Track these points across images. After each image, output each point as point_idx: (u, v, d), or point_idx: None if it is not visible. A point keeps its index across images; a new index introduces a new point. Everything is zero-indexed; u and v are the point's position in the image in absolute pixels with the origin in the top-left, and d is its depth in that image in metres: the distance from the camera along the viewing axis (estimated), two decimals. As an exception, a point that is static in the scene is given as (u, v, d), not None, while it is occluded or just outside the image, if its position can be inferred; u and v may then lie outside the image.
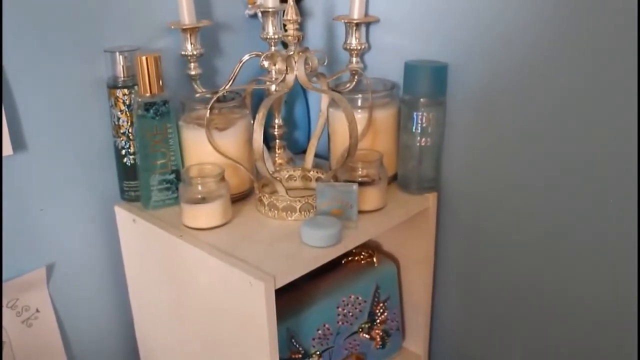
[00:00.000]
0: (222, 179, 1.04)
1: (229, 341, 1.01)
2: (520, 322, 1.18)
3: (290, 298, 1.11)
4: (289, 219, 1.06)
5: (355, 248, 1.25)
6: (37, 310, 1.14)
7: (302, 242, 0.98)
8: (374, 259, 1.23)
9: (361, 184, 1.05)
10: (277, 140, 1.25)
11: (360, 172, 1.07)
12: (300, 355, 1.09)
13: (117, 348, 1.30)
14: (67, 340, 1.20)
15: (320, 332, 1.11)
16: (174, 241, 1.03)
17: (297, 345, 1.09)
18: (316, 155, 1.21)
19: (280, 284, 0.91)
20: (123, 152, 1.12)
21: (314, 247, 0.97)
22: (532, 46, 1.00)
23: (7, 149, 1.01)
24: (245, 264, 0.93)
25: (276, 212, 1.07)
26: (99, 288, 1.23)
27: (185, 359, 1.14)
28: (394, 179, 1.19)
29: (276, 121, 1.24)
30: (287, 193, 1.07)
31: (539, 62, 1.00)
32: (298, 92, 1.34)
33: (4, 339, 1.10)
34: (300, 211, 1.06)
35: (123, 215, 1.13)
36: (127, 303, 1.24)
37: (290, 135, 1.35)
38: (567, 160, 1.01)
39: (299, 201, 1.05)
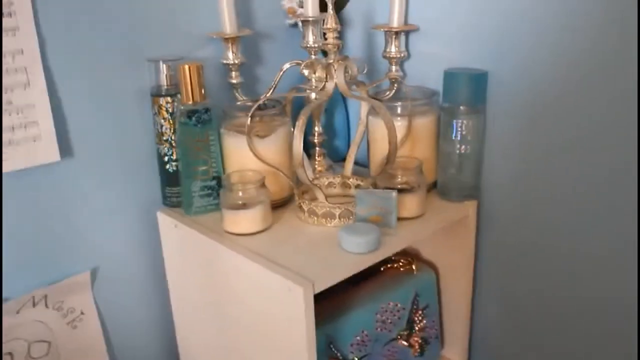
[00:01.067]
0: (263, 185, 1.06)
1: (268, 346, 1.02)
2: (561, 336, 1.16)
3: (329, 304, 1.11)
4: (328, 225, 1.07)
5: (394, 255, 1.26)
6: (82, 313, 1.17)
7: (341, 248, 0.99)
8: (413, 267, 1.23)
9: (400, 190, 1.06)
10: (317, 148, 1.26)
11: (399, 179, 1.08)
12: (338, 361, 1.10)
13: (158, 351, 1.32)
14: (110, 343, 1.22)
15: (358, 338, 1.12)
16: (215, 246, 1.04)
17: (335, 351, 1.09)
18: (356, 163, 1.22)
19: (319, 289, 0.91)
20: (165, 158, 1.14)
21: (353, 253, 0.98)
22: (575, 56, 0.99)
23: (55, 155, 1.04)
24: (284, 269, 0.94)
25: (315, 218, 1.08)
26: (141, 292, 1.25)
27: (223, 357, 1.15)
28: (433, 186, 1.19)
29: (316, 129, 1.25)
30: (326, 199, 1.08)
31: (581, 72, 0.99)
32: (338, 100, 1.35)
33: (50, 339, 1.13)
34: (339, 217, 1.07)
35: (165, 221, 1.15)
36: (168, 307, 1.26)
37: (330, 143, 1.36)
38: (612, 171, 1.00)
39: (339, 208, 1.06)
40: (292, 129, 1.06)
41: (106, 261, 1.18)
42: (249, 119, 1.07)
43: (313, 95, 1.14)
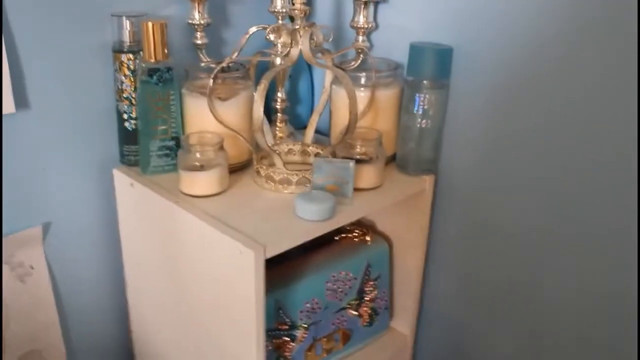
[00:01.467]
0: (221, 148, 1.05)
1: (217, 307, 1.02)
2: (511, 311, 1.18)
3: (281, 270, 1.12)
4: (285, 192, 1.07)
5: (349, 225, 1.26)
6: (32, 267, 1.15)
7: (296, 215, 0.99)
8: (367, 238, 1.23)
9: (358, 161, 1.06)
10: (279, 114, 1.25)
11: (358, 150, 1.08)
12: (287, 327, 1.11)
13: (108, 308, 1.31)
14: (60, 298, 1.22)
15: (308, 305, 1.13)
16: (170, 206, 1.04)
17: (285, 317, 1.10)
18: (318, 132, 1.22)
19: (271, 254, 0.91)
20: (125, 116, 1.12)
21: (307, 220, 0.98)
22: (542, 36, 1.00)
23: (10, 107, 1.02)
24: (237, 232, 0.94)
25: (272, 184, 1.08)
26: (93, 249, 1.24)
27: (174, 321, 1.15)
28: (392, 159, 1.20)
29: (279, 95, 1.24)
30: (284, 166, 1.07)
31: (547, 53, 1.00)
32: (303, 68, 1.35)
33: (-4, 291, 1.12)
34: (296, 184, 1.07)
35: (121, 179, 1.14)
36: (120, 265, 1.25)
37: (293, 111, 1.36)
38: (569, 153, 1.02)
39: (296, 175, 1.06)
40: (255, 94, 1.06)
41: (59, 216, 1.17)
42: (211, 80, 1.06)
43: (278, 61, 1.13)
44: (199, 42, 1.16)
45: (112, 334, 1.34)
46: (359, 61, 1.19)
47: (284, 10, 1.15)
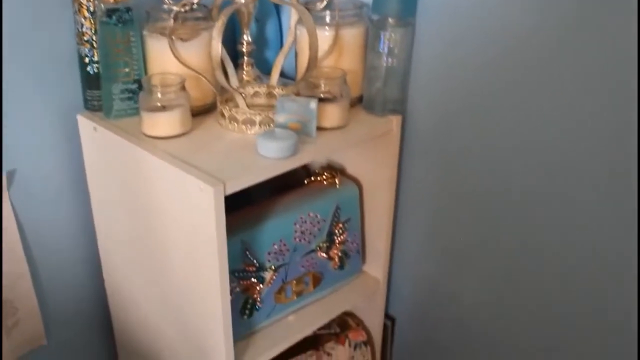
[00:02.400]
0: (183, 88, 1.04)
1: (182, 249, 1.02)
2: (482, 249, 1.18)
3: (247, 212, 1.12)
4: (249, 132, 1.06)
5: (318, 169, 1.26)
6: (-2, 216, 1.15)
7: (258, 153, 0.98)
8: (336, 181, 1.23)
9: (322, 100, 1.05)
10: (245, 58, 1.23)
11: (322, 89, 1.07)
12: (254, 268, 1.10)
13: (79, 256, 1.31)
14: (28, 247, 1.21)
15: (276, 247, 1.12)
16: (132, 149, 1.03)
17: (252, 258, 1.09)
18: (286, 76, 1.20)
19: (231, 190, 0.91)
20: (86, 60, 1.10)
21: (269, 158, 0.97)
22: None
23: (-35, 50, 1.00)
24: (197, 170, 0.93)
25: (236, 124, 1.06)
26: (60, 196, 1.23)
27: (142, 266, 1.15)
28: (359, 101, 1.19)
29: (245, 37, 1.22)
30: (247, 106, 1.06)
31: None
32: (271, 11, 1.33)
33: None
34: (259, 125, 1.05)
35: (85, 124, 1.13)
36: (89, 211, 1.24)
37: (261, 56, 1.34)
38: (537, 89, 1.01)
39: (259, 115, 1.05)
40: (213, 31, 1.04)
41: (24, 164, 1.16)
42: (172, 20, 1.04)
43: (242, 0, 1.11)
44: (160, -17, 1.14)
45: (85, 283, 1.34)
46: (325, 2, 1.17)
47: (247, -51, 1.13)
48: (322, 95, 1.06)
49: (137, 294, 1.21)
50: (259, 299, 1.13)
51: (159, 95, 1.02)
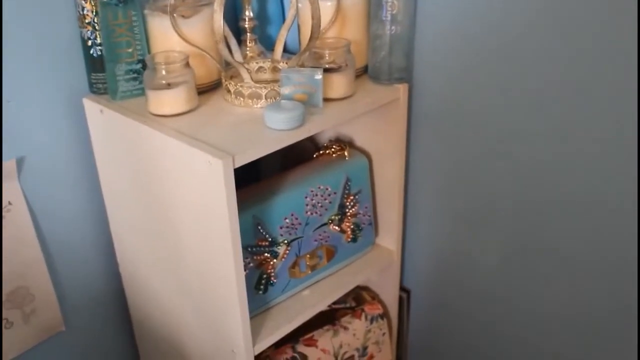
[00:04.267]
0: (187, 65, 1.03)
1: (194, 226, 1.01)
2: (495, 214, 1.18)
3: (257, 187, 1.11)
4: (255, 106, 1.05)
5: (326, 143, 1.25)
6: (10, 203, 1.15)
7: (266, 126, 0.98)
8: (345, 153, 1.22)
9: (327, 70, 1.04)
10: (248, 34, 1.23)
11: (326, 59, 1.06)
12: (267, 243, 1.10)
13: (92, 239, 1.31)
14: (41, 233, 1.21)
15: (287, 220, 1.12)
16: (139, 128, 1.02)
17: (264, 233, 1.09)
18: (290, 52, 1.20)
19: (240, 163, 0.90)
20: (89, 42, 1.10)
21: (277, 129, 0.96)
22: None
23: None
24: (205, 144, 0.92)
25: (242, 99, 1.06)
26: (70, 180, 1.23)
27: (155, 246, 1.15)
28: (364, 70, 1.18)
29: (247, 13, 1.22)
30: (252, 80, 1.06)
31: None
32: (271, -14, 1.32)
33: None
34: (266, 98, 1.05)
35: (91, 107, 1.12)
36: (99, 194, 1.24)
37: (264, 32, 1.33)
38: (546, 52, 0.99)
39: (265, 88, 1.04)
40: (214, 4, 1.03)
41: (33, 150, 1.15)
42: (172, -3, 1.04)
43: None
44: (159, -39, 1.13)
45: (100, 267, 1.34)
46: (327, -27, 1.16)
47: None
48: (327, 66, 1.05)
49: (152, 275, 1.21)
50: (273, 273, 1.12)
51: (164, 72, 1.02)
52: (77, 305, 1.33)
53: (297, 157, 1.25)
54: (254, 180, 1.12)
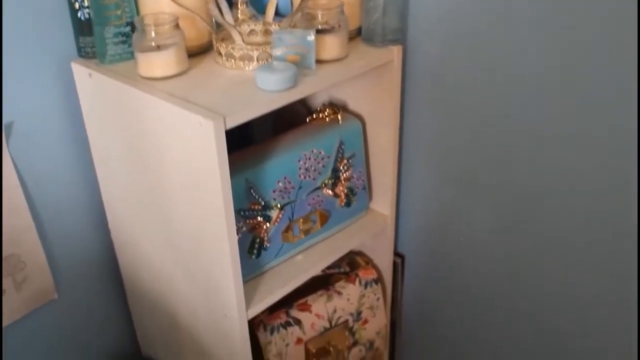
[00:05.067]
0: (177, 26, 1.01)
1: (185, 189, 1.00)
2: (490, 178, 1.17)
3: (250, 151, 1.10)
4: (247, 68, 1.04)
5: (320, 107, 1.24)
6: (-1, 170, 1.13)
7: (258, 87, 0.96)
8: (339, 117, 1.20)
9: (320, 31, 1.03)
10: (240, -4, 1.21)
11: (319, 20, 1.04)
12: (259, 207, 1.09)
13: (83, 206, 1.30)
14: (30, 199, 1.20)
15: (280, 184, 1.11)
16: (128, 91, 1.01)
17: (256, 196, 1.08)
18: (282, 16, 1.17)
19: (231, 124, 0.89)
20: (77, 5, 1.08)
21: (269, 91, 0.95)
22: None
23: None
24: (196, 106, 0.91)
25: (233, 61, 1.04)
26: (60, 146, 1.21)
27: (146, 208, 1.14)
28: (358, 33, 1.16)
29: (237, -25, 1.19)
30: (243, 41, 1.04)
31: None
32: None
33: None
34: (257, 60, 1.03)
35: (80, 71, 1.10)
36: (89, 159, 1.23)
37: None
38: (544, 18, 0.98)
39: (256, 50, 1.03)
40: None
41: (21, 116, 1.14)
42: (160, -43, 1.01)
43: None
44: None
45: (91, 234, 1.33)
46: None
47: None
48: (319, 27, 1.03)
49: (144, 241, 1.20)
50: (266, 238, 1.12)
51: (153, 34, 1.00)
52: (70, 273, 1.32)
53: (290, 122, 1.23)
54: (247, 146, 1.11)
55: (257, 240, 1.11)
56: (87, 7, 1.07)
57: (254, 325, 1.20)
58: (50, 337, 1.34)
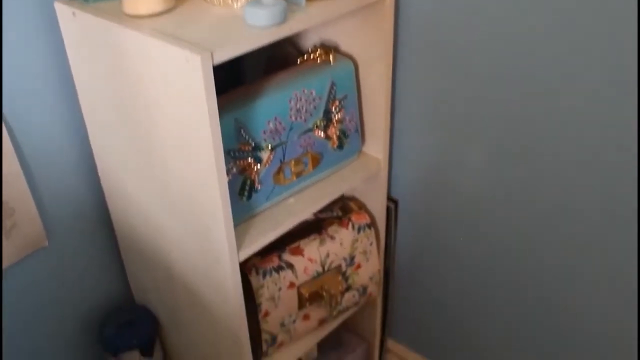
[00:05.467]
0: (162, -40, 0.98)
1: (173, 130, 0.99)
2: (482, 120, 1.15)
3: (240, 92, 1.08)
4: (235, 6, 1.01)
5: (311, 48, 1.21)
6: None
7: (246, 23, 0.94)
8: (330, 57, 1.18)
9: (310, -34, 1.00)
10: None
11: (309, -46, 1.01)
12: (250, 147, 1.07)
13: (69, 149, 1.28)
14: (18, 145, 1.18)
15: (271, 125, 1.09)
16: (113, 29, 0.98)
17: (246, 137, 1.06)
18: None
19: (219, 59, 0.87)
20: (59, -59, 1.05)
21: (258, 26, 0.93)
22: None
23: None
24: (183, 41, 0.89)
25: (221, -1, 1.02)
26: (46, 90, 1.19)
27: (135, 152, 1.12)
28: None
29: None
30: (231, -23, 1.01)
31: None
32: None
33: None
34: (246, -3, 1.01)
35: (63, 11, 1.07)
36: (76, 103, 1.21)
37: None
38: None
39: (244, -15, 1.00)
40: None
41: (6, 61, 1.11)
42: None
43: None
44: None
45: (80, 180, 1.31)
46: None
47: None
48: (309, -39, 1.00)
49: (133, 186, 1.18)
50: (257, 179, 1.10)
51: (138, -32, 0.97)
52: (60, 220, 1.31)
53: (280, 65, 1.21)
54: (234, 79, 1.09)
55: (248, 181, 1.09)
56: (70, -56, 1.04)
57: (246, 269, 1.19)
58: (43, 286, 1.34)
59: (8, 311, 1.28)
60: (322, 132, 1.18)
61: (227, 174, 1.00)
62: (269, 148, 1.10)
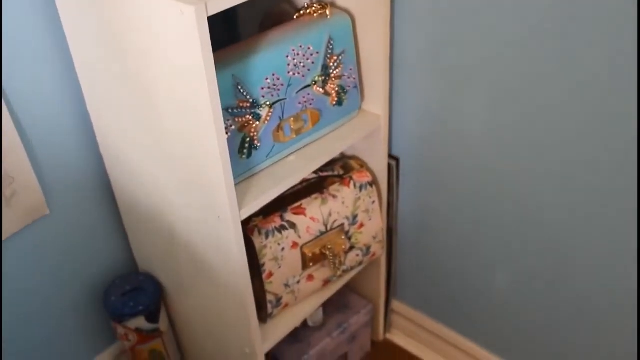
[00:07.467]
0: None
1: (170, 88, 0.97)
2: (484, 72, 1.14)
3: (237, 48, 1.07)
4: (229, -42, 0.99)
5: (307, 4, 1.19)
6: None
7: (241, -22, 0.92)
8: (327, 12, 1.16)
9: None
10: None
11: None
12: (248, 104, 1.06)
13: (66, 115, 1.27)
14: (14, 112, 1.17)
15: (269, 81, 1.07)
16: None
17: (244, 93, 1.05)
18: None
19: (213, 10, 0.85)
20: None
21: (251, -22, 0.91)
22: None
23: None
24: (176, -5, 0.87)
25: (214, -49, 0.99)
26: (40, 55, 1.18)
27: (132, 113, 1.11)
28: None
29: None
30: None
31: None
32: None
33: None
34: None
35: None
36: (72, 68, 1.20)
37: None
38: None
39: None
40: None
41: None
42: None
43: None
44: None
45: (79, 147, 1.31)
46: None
47: None
48: None
49: (132, 149, 1.18)
50: (256, 137, 1.09)
51: None
52: (60, 188, 1.30)
53: (276, 22, 1.19)
54: (230, 37, 1.07)
55: (247, 139, 1.08)
56: None
57: (249, 230, 1.18)
58: (46, 254, 1.33)
59: (12, 279, 1.28)
60: (321, 88, 1.16)
61: (226, 132, 0.99)
62: (268, 105, 1.08)
